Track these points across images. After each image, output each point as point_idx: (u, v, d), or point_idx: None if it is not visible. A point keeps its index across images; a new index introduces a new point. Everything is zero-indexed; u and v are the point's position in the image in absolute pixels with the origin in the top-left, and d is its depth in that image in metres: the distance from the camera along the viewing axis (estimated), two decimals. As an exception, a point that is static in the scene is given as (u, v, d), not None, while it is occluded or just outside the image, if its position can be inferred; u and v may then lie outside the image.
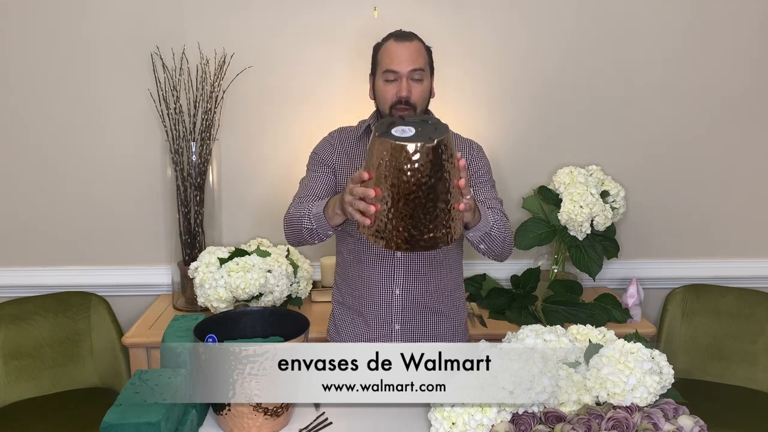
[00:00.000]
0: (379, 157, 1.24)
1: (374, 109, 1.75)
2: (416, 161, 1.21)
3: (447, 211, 1.26)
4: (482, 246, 1.55)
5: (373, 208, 1.25)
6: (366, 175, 1.26)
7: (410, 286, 1.70)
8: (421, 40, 1.66)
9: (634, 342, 1.31)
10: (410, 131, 1.25)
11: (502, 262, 1.68)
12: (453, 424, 1.25)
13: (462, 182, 1.26)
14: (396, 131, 1.25)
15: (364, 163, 1.30)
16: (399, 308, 1.70)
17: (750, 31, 2.33)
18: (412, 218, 1.24)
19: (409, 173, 1.21)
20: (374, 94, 1.69)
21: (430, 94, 1.68)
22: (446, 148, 1.23)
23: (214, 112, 2.22)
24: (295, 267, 2.14)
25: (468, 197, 1.31)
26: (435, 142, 1.21)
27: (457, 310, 1.78)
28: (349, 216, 1.33)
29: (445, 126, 1.28)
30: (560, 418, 1.24)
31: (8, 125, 2.28)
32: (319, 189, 1.67)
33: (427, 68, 1.64)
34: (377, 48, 1.68)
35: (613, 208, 2.23)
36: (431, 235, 1.26)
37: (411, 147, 1.20)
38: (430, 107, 1.73)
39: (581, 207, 2.13)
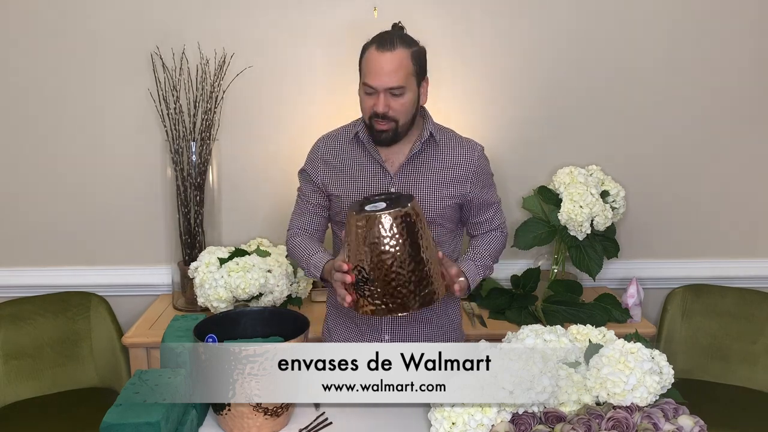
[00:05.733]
0: (356, 230, 1.35)
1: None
2: (389, 229, 1.33)
3: (428, 273, 1.38)
4: None
5: (349, 298, 1.38)
6: (345, 267, 1.38)
7: None
8: (407, 45, 1.51)
9: (634, 342, 1.31)
10: (381, 205, 1.37)
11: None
12: (453, 424, 1.25)
13: (441, 255, 1.44)
14: (369, 208, 1.37)
15: (344, 239, 1.42)
16: (388, 317, 1.67)
17: (749, 32, 2.33)
18: (395, 283, 1.35)
19: (384, 240, 1.33)
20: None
21: (417, 102, 1.57)
22: (417, 215, 1.36)
23: (214, 112, 2.22)
24: (295, 267, 2.14)
25: (457, 286, 1.50)
26: (406, 208, 1.34)
27: (448, 317, 1.74)
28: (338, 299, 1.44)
29: (411, 195, 1.44)
30: (560, 418, 1.24)
31: (8, 125, 2.28)
32: (311, 214, 1.70)
33: (410, 80, 1.50)
34: (362, 52, 1.54)
35: (613, 208, 2.23)
36: (421, 294, 1.37)
37: (385, 217, 1.33)
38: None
39: (581, 207, 2.13)
